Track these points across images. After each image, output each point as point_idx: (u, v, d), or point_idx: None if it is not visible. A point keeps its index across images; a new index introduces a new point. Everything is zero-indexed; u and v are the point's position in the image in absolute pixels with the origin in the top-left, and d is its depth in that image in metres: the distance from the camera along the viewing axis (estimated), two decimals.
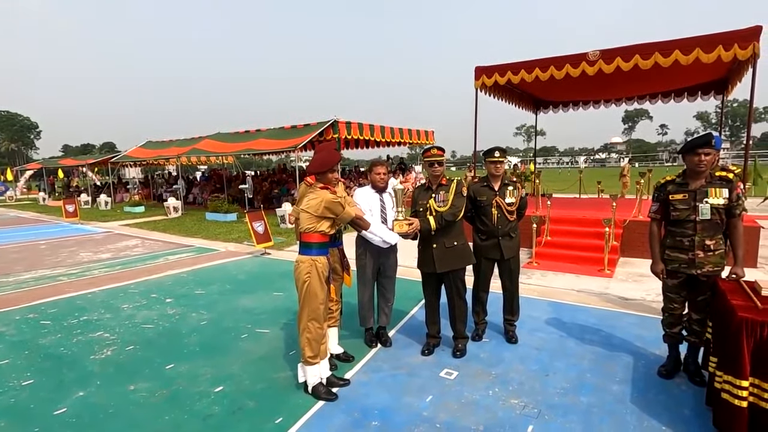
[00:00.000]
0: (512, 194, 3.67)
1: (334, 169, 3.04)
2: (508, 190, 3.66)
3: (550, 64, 7.14)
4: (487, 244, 3.70)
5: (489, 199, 3.66)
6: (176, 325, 4.40)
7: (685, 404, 2.77)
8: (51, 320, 4.63)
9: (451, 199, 3.37)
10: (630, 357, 3.44)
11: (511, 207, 3.66)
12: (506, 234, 3.67)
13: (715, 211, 2.82)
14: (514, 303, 3.83)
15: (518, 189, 3.72)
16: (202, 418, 2.75)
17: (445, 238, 3.38)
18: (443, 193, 3.40)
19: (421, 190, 3.55)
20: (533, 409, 2.75)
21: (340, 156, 3.16)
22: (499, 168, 3.67)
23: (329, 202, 2.83)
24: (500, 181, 3.69)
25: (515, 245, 3.74)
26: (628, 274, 5.86)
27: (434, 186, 3.46)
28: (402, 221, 3.23)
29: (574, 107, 11.25)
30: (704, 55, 6.00)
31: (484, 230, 3.70)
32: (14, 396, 3.09)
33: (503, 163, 3.68)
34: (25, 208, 19.59)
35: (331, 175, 3.01)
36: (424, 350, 3.60)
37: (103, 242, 9.77)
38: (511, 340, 3.77)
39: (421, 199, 3.49)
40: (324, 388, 2.96)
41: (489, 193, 3.67)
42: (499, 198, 3.65)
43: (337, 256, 3.35)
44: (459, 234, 3.44)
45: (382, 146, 17.83)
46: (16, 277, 6.62)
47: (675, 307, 3.05)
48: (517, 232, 3.76)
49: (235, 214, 12.57)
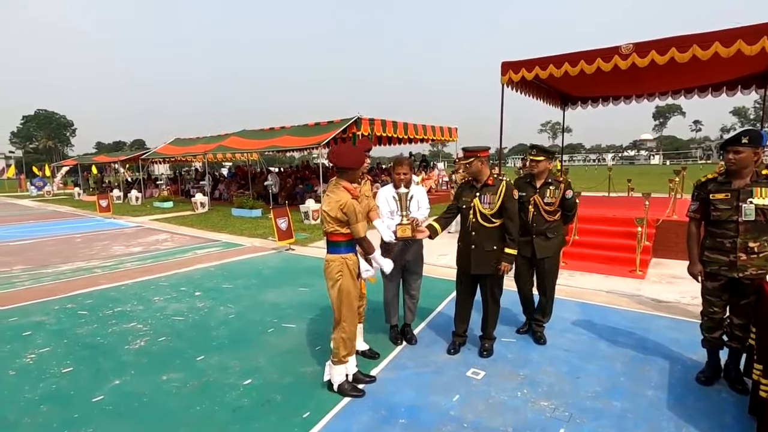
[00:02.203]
0: (552, 194, 3.56)
1: (361, 169, 2.99)
2: (548, 190, 3.57)
3: (581, 58, 6.92)
4: (520, 241, 3.58)
5: (528, 196, 3.60)
6: (205, 318, 4.50)
7: (727, 412, 2.65)
8: (87, 311, 4.82)
9: (498, 203, 3.25)
10: (665, 361, 3.32)
11: (549, 207, 3.56)
12: (542, 233, 3.59)
13: (761, 212, 2.67)
14: (547, 305, 3.74)
15: (560, 189, 3.57)
16: (231, 410, 2.81)
17: (485, 242, 3.29)
18: (489, 195, 3.28)
19: (466, 187, 3.46)
20: (564, 412, 2.69)
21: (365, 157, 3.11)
22: (535, 166, 3.59)
23: (346, 205, 2.73)
24: (543, 179, 3.60)
25: (551, 246, 3.62)
26: (660, 275, 5.65)
27: (479, 185, 3.35)
28: (406, 225, 3.11)
29: (604, 103, 10.89)
30: (747, 47, 5.70)
31: (520, 226, 3.60)
32: (55, 383, 3.23)
33: (540, 162, 3.57)
34: (61, 203, 20.46)
35: (355, 175, 2.94)
36: (450, 349, 3.57)
37: (135, 236, 10.10)
38: (538, 341, 3.70)
39: (465, 195, 3.40)
40: (350, 385, 2.96)
41: (529, 190, 3.62)
42: (538, 197, 3.58)
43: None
44: (499, 239, 3.30)
45: (404, 143, 17.78)
46: (54, 268, 6.91)
47: (715, 311, 2.92)
48: (556, 234, 3.64)
49: (260, 210, 12.78)
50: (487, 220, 3.28)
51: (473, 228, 3.31)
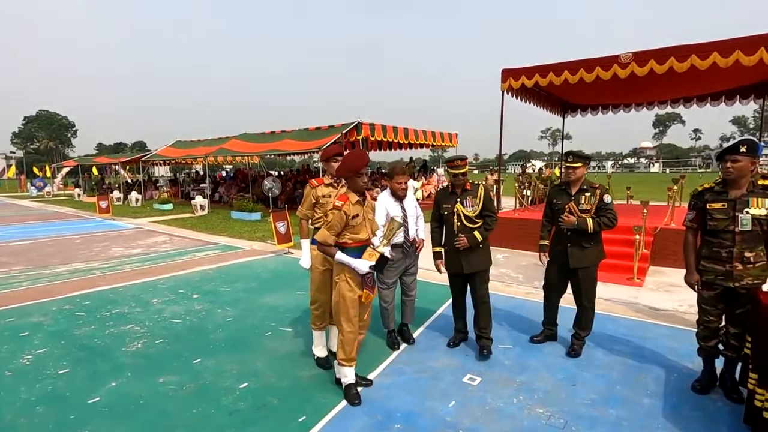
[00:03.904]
0: (588, 201, 3.44)
1: (361, 172, 2.92)
2: (584, 197, 3.47)
3: (580, 66, 6.99)
4: (556, 250, 3.61)
5: (563, 203, 3.54)
6: (203, 321, 4.50)
7: (722, 421, 2.66)
8: (85, 312, 4.82)
9: (480, 204, 3.45)
10: (662, 370, 3.32)
11: (584, 215, 3.44)
12: (576, 242, 3.48)
13: (757, 222, 2.69)
14: (582, 318, 3.61)
15: (596, 196, 3.45)
16: (228, 413, 2.81)
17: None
18: (471, 198, 3.47)
19: (446, 194, 3.61)
20: (559, 419, 2.69)
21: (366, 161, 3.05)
22: (572, 173, 3.49)
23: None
24: (578, 186, 3.53)
25: (587, 256, 3.48)
26: (659, 283, 5.66)
27: (458, 191, 3.53)
28: (374, 252, 2.87)
29: (603, 111, 10.96)
30: (745, 57, 5.76)
31: (556, 234, 3.62)
32: (51, 384, 3.23)
33: (578, 168, 3.45)
34: (61, 204, 20.47)
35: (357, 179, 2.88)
36: (450, 342, 3.76)
37: (134, 238, 10.10)
38: (569, 353, 3.60)
39: (445, 203, 3.56)
40: (354, 391, 2.95)
41: (564, 198, 3.56)
42: (573, 204, 3.49)
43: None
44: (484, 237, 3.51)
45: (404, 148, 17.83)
46: (53, 269, 6.91)
47: (711, 320, 2.93)
48: (593, 243, 3.49)
49: (260, 213, 12.79)
50: (471, 222, 3.47)
51: (459, 231, 3.47)
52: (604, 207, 3.44)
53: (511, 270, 6.32)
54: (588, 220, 3.41)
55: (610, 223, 3.42)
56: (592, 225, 3.39)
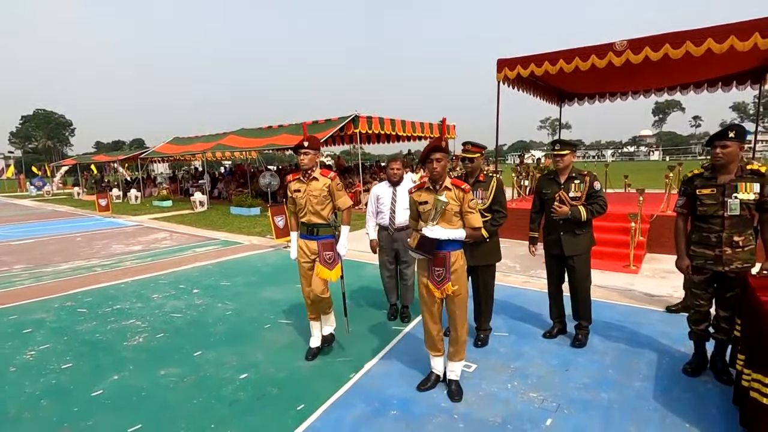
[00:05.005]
0: (578, 189, 3.46)
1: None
2: (573, 184, 3.47)
3: (575, 55, 6.97)
4: (549, 239, 3.62)
5: (553, 192, 3.54)
6: (203, 315, 4.56)
7: (712, 402, 2.71)
8: (87, 308, 4.88)
9: (491, 197, 3.37)
10: (654, 354, 3.38)
11: (575, 202, 3.46)
12: (569, 230, 3.50)
13: (745, 207, 2.72)
14: (580, 307, 3.62)
15: (586, 183, 3.47)
16: (228, 404, 2.87)
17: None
18: (481, 191, 3.39)
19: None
20: (552, 403, 2.75)
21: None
22: (560, 161, 3.49)
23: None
24: (566, 174, 3.53)
25: (580, 243, 3.51)
26: (654, 270, 5.71)
27: (471, 181, 3.42)
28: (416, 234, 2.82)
29: (601, 99, 10.94)
30: (739, 43, 5.74)
31: (548, 224, 3.63)
32: (55, 378, 3.29)
33: (566, 156, 3.47)
34: (61, 202, 20.51)
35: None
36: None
37: (134, 235, 10.15)
38: (574, 343, 3.58)
39: None
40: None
41: (554, 187, 3.55)
42: (563, 192, 3.50)
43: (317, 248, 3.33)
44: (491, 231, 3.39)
45: (402, 141, 17.79)
46: (55, 267, 6.97)
47: (701, 304, 2.98)
48: (585, 230, 3.52)
49: (259, 208, 12.83)
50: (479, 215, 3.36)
51: None
52: (594, 194, 3.46)
53: (509, 260, 6.36)
54: (581, 208, 3.43)
55: (601, 210, 3.45)
56: (585, 213, 3.42)
